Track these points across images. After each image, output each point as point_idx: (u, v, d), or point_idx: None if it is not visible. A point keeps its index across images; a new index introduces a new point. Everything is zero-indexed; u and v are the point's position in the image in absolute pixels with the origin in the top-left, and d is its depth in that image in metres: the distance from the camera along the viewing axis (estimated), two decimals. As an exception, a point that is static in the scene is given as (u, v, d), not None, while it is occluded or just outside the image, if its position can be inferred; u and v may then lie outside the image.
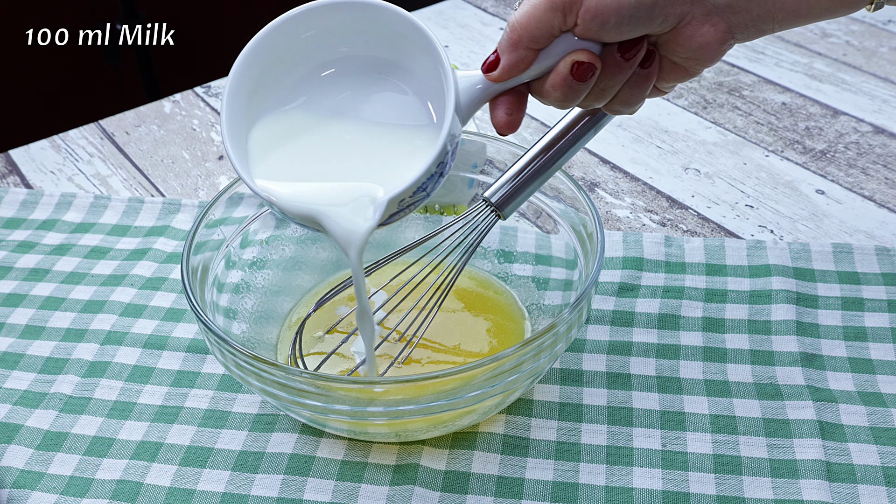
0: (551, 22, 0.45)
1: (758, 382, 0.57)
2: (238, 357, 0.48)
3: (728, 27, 0.47)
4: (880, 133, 0.82)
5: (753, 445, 0.53)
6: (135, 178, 0.81)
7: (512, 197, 0.53)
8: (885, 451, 0.52)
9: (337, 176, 0.47)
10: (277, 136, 0.48)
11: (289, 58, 0.48)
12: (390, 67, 0.49)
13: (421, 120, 0.48)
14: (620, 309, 0.62)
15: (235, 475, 0.52)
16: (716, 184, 0.76)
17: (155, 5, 1.82)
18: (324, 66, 0.49)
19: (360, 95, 0.49)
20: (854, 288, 0.63)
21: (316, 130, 0.49)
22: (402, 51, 0.48)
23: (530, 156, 0.53)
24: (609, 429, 0.54)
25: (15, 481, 0.52)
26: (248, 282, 0.60)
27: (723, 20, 0.47)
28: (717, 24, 0.47)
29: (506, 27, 0.46)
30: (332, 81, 0.50)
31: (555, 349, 0.49)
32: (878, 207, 0.72)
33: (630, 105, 0.49)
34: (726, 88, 0.90)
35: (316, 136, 0.48)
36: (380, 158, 0.48)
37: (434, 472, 0.52)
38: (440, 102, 0.47)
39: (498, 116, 0.48)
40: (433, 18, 1.06)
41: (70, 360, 0.60)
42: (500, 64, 0.47)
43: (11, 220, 0.74)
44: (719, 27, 0.47)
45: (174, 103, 0.92)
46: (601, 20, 0.44)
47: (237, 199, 0.59)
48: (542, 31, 0.46)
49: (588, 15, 0.44)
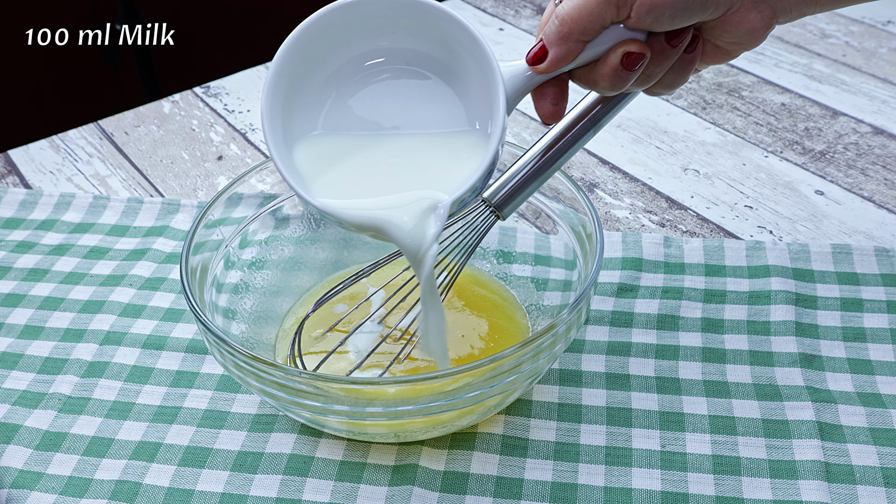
0: (604, 15, 0.45)
1: (757, 383, 0.57)
2: (237, 357, 0.48)
3: (773, 12, 0.48)
4: (879, 134, 0.82)
5: (752, 446, 0.53)
6: (134, 178, 0.81)
7: (511, 197, 0.53)
8: (884, 452, 0.52)
9: (397, 186, 0.48)
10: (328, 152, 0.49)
11: (327, 50, 0.48)
12: (431, 62, 0.49)
13: (467, 116, 0.49)
14: (619, 309, 0.62)
15: (234, 475, 0.52)
16: (715, 184, 0.76)
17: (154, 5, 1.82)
18: (365, 58, 0.49)
19: (403, 95, 0.49)
20: (853, 289, 0.63)
21: (367, 144, 0.49)
22: (444, 46, 0.48)
23: (530, 156, 0.53)
24: (608, 429, 0.54)
25: (14, 481, 0.52)
26: (248, 282, 0.60)
27: (769, 6, 0.48)
28: (763, 10, 0.48)
29: (553, 19, 0.46)
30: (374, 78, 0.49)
31: (554, 350, 0.49)
32: (877, 208, 0.72)
33: (672, 88, 0.50)
34: (725, 89, 0.90)
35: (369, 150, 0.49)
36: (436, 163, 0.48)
37: (433, 472, 0.52)
38: (485, 97, 0.47)
39: (544, 108, 0.49)
40: (433, 19, 1.06)
41: (69, 361, 0.60)
42: (549, 56, 0.47)
43: (10, 220, 0.74)
44: (765, 13, 0.48)
45: (173, 104, 0.92)
46: (657, 13, 0.45)
47: (236, 199, 0.59)
48: (594, 24, 0.46)
49: (643, 8, 0.45)
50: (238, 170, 0.81)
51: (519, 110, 0.88)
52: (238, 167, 0.81)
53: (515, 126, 0.86)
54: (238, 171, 0.81)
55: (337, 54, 0.49)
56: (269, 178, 0.63)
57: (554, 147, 0.52)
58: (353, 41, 0.49)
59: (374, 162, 0.48)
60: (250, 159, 0.82)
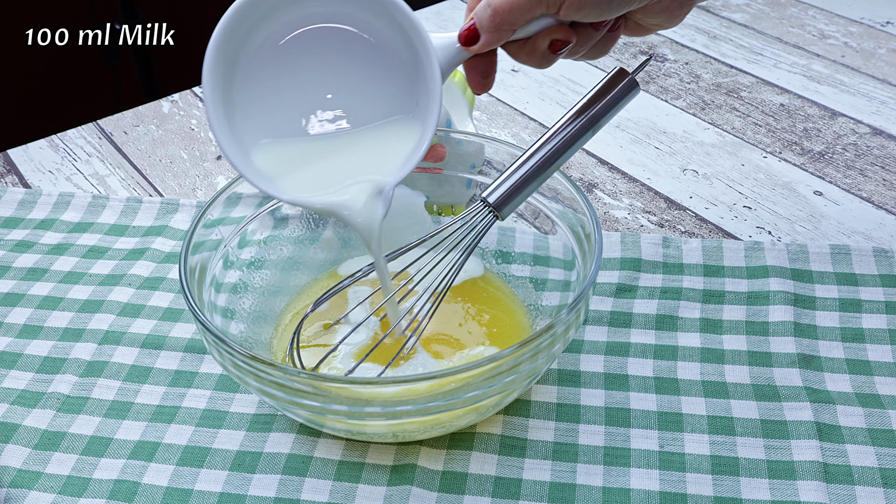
0: (534, 9, 0.49)
1: (755, 383, 0.57)
2: (236, 357, 0.48)
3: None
4: (878, 134, 0.82)
5: (751, 446, 0.53)
6: (133, 177, 0.81)
7: (510, 198, 0.53)
8: (883, 453, 0.52)
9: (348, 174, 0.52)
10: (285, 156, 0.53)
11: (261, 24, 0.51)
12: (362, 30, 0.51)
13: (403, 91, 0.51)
14: (618, 310, 0.62)
15: (233, 475, 0.52)
16: (714, 185, 0.76)
17: (154, 5, 1.82)
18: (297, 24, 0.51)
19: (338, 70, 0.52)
20: (852, 289, 0.63)
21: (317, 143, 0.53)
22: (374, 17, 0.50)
23: (528, 156, 0.53)
24: (606, 430, 0.54)
25: (12, 481, 0.52)
26: (246, 282, 0.60)
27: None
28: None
29: (486, 6, 0.49)
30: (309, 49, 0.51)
31: (552, 350, 0.49)
32: (875, 209, 0.72)
33: (595, 58, 0.55)
34: (724, 89, 0.90)
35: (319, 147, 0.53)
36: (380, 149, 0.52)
37: (431, 472, 0.52)
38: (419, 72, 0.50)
39: (475, 80, 0.53)
40: (431, 18, 1.07)
41: (68, 360, 0.60)
42: (480, 41, 0.50)
43: (9, 220, 0.74)
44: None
45: (172, 103, 0.92)
46: (585, 11, 0.48)
47: (235, 199, 0.59)
48: (525, 16, 0.49)
49: (572, 7, 0.48)
50: (237, 169, 0.81)
51: (518, 111, 0.88)
52: (237, 167, 0.81)
53: (514, 126, 0.86)
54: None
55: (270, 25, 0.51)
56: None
57: (553, 147, 0.52)
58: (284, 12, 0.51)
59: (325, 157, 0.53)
60: (249, 159, 0.82)
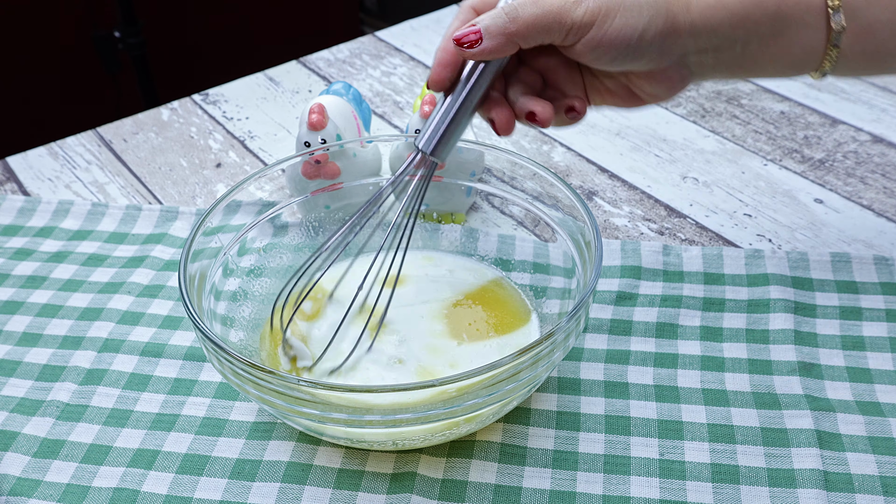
0: (552, 33, 0.47)
1: (755, 392, 0.57)
2: (235, 365, 0.48)
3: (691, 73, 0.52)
4: (879, 142, 0.82)
5: (751, 455, 0.53)
6: (132, 185, 0.81)
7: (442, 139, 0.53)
8: (883, 461, 0.52)
9: None
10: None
11: None
12: None
13: None
14: (618, 318, 0.62)
15: (232, 483, 0.52)
16: (714, 193, 0.76)
17: (153, 12, 1.83)
18: None
19: None
20: (852, 297, 0.63)
21: None
22: None
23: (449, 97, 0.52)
24: (606, 438, 0.54)
25: (12, 489, 0.52)
26: (246, 290, 0.60)
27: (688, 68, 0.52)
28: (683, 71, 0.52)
29: (502, 13, 0.47)
30: None
31: (552, 358, 0.49)
32: (876, 217, 0.72)
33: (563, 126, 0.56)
34: (725, 97, 0.90)
35: None
36: None
37: (431, 480, 0.52)
38: None
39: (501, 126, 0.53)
40: (431, 26, 1.07)
41: (67, 368, 0.60)
42: (482, 46, 0.47)
43: (9, 228, 0.74)
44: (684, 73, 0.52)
45: (172, 111, 0.92)
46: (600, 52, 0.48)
47: (235, 206, 0.59)
48: (540, 36, 0.47)
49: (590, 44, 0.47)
50: (236, 177, 0.81)
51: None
52: (236, 174, 0.81)
53: (514, 134, 0.86)
54: (236, 178, 0.81)
55: None
56: (268, 185, 0.63)
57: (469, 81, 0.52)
58: None
59: None
60: (249, 166, 0.82)
